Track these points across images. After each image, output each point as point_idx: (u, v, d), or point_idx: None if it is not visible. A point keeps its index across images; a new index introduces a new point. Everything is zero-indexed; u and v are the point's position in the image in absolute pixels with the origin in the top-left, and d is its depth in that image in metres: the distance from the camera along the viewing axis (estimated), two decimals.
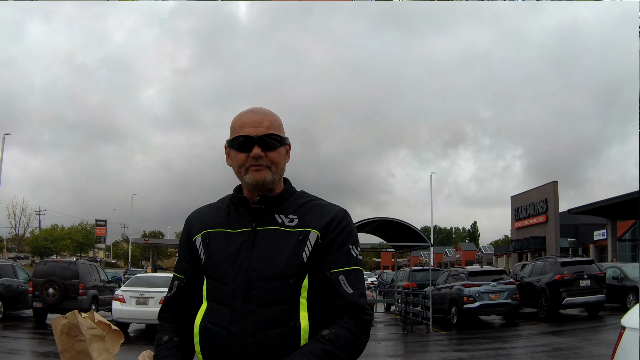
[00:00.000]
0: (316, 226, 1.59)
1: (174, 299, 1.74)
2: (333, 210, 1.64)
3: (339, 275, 1.56)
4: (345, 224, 1.62)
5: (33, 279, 14.75)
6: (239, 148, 1.62)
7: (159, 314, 1.76)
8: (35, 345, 11.35)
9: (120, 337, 1.53)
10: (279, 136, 1.64)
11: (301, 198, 1.68)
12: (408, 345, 11.95)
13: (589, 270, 15.36)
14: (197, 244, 1.68)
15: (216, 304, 1.59)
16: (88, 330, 1.45)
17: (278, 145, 1.63)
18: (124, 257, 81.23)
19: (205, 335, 1.59)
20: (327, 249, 1.58)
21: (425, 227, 75.95)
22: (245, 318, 1.53)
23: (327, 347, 1.48)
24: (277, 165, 1.63)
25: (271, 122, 1.64)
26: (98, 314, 1.62)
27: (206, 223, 1.69)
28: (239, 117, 1.66)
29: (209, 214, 1.72)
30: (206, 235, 1.67)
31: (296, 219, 1.61)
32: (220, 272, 1.60)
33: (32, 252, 64.56)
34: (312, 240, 1.57)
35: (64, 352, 1.49)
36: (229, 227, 1.64)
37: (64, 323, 1.48)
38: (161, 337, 1.66)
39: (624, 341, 2.75)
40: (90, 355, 1.44)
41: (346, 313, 1.54)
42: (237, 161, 1.63)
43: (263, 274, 1.55)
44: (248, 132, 1.61)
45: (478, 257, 75.90)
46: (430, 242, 16.19)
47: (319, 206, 1.65)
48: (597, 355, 9.44)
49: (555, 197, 36.14)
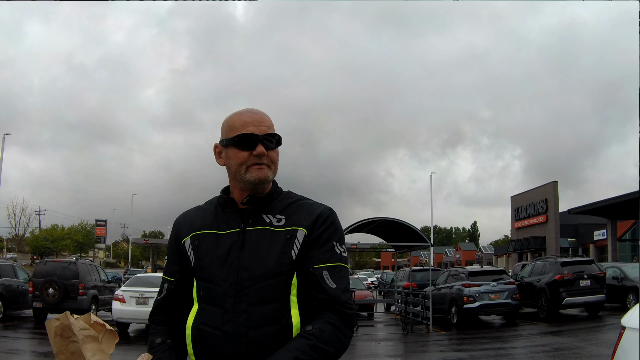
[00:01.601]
0: (303, 224, 1.61)
1: (164, 301, 1.74)
2: (319, 209, 1.66)
3: (322, 270, 1.58)
4: (331, 221, 1.64)
5: (33, 279, 14.75)
6: (241, 146, 1.61)
7: (150, 317, 1.76)
8: (35, 345, 11.35)
9: (115, 337, 1.52)
10: (279, 136, 1.66)
11: (288, 198, 1.69)
12: (408, 345, 11.94)
13: (589, 270, 15.36)
14: (187, 246, 1.68)
15: (208, 305, 1.60)
16: (80, 331, 1.45)
17: (277, 145, 1.66)
18: (124, 257, 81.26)
19: (197, 337, 1.59)
20: (312, 246, 1.60)
21: (425, 227, 76.04)
22: (238, 317, 1.54)
23: (311, 342, 1.49)
24: (275, 165, 1.66)
25: (270, 122, 1.66)
26: (94, 315, 1.61)
27: (194, 225, 1.69)
28: (238, 115, 1.65)
29: (196, 216, 1.72)
30: (195, 237, 1.67)
31: (284, 219, 1.63)
32: (210, 273, 1.61)
33: (32, 252, 64.54)
34: (300, 238, 1.59)
35: (59, 354, 1.49)
36: (218, 229, 1.65)
37: (57, 325, 1.48)
38: (154, 340, 1.67)
39: (624, 341, 2.74)
40: (84, 355, 1.43)
41: (329, 308, 1.55)
42: (238, 159, 1.62)
43: (253, 273, 1.56)
44: (251, 130, 1.61)
45: (478, 257, 75.89)
46: (430, 242, 16.18)
47: (306, 205, 1.67)
48: (597, 355, 9.43)
49: (555, 197, 36.14)
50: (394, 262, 53.67)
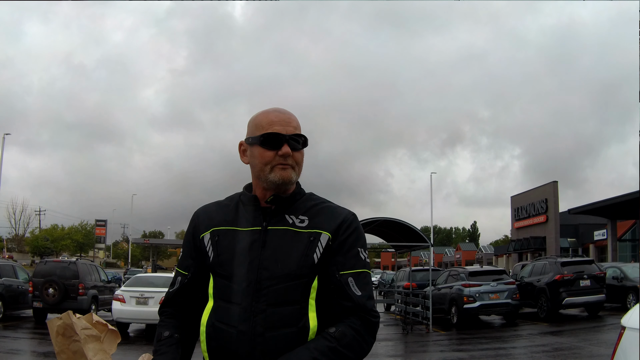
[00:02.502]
0: (327, 228, 1.59)
1: (176, 295, 1.73)
2: (343, 213, 1.64)
3: (348, 277, 1.56)
4: (355, 226, 1.63)
5: (33, 279, 14.74)
6: (268, 145, 1.59)
7: (160, 309, 1.75)
8: (35, 345, 11.34)
9: (117, 337, 1.53)
10: (305, 137, 1.64)
11: (311, 200, 1.68)
12: (408, 345, 11.94)
13: (589, 270, 15.35)
14: (205, 241, 1.66)
15: (224, 302, 1.58)
16: (82, 330, 1.45)
17: (303, 147, 1.64)
18: (124, 257, 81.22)
19: (212, 334, 1.57)
20: (337, 251, 1.58)
21: (425, 227, 76.07)
22: (255, 317, 1.52)
23: (332, 345, 1.48)
24: (300, 166, 1.64)
25: (297, 122, 1.64)
26: (96, 315, 1.61)
27: (214, 220, 1.67)
28: (265, 114, 1.63)
29: (217, 211, 1.70)
30: (215, 232, 1.65)
31: (307, 220, 1.61)
32: (229, 270, 1.59)
33: (32, 252, 64.50)
34: (324, 242, 1.57)
35: (61, 354, 1.49)
36: (238, 225, 1.63)
37: (59, 324, 1.48)
38: (161, 333, 1.66)
39: (624, 341, 2.74)
40: (86, 355, 1.43)
41: (354, 314, 1.54)
42: (263, 159, 1.60)
43: (274, 273, 1.54)
44: (278, 130, 1.59)
45: (478, 257, 75.88)
46: (430, 242, 16.18)
47: (329, 208, 1.65)
48: (597, 355, 9.43)
49: (555, 197, 36.12)
50: (394, 262, 53.63)
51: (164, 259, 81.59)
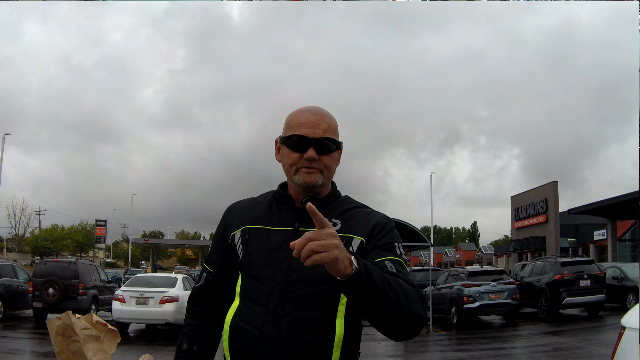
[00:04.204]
0: (360, 233, 1.55)
1: (200, 291, 1.72)
2: (376, 217, 1.60)
3: (384, 261, 1.48)
4: (389, 227, 1.58)
5: (33, 279, 14.73)
6: (292, 147, 1.56)
7: (187, 305, 1.75)
8: (35, 345, 11.34)
9: (117, 337, 1.53)
10: (335, 140, 1.58)
11: (345, 203, 1.64)
12: (408, 345, 11.93)
13: (589, 270, 15.35)
14: (236, 239, 1.62)
15: (250, 303, 1.54)
16: (82, 330, 1.45)
17: (333, 150, 1.58)
18: (124, 257, 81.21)
19: (235, 334, 1.54)
20: (371, 249, 1.53)
21: (425, 227, 76.02)
22: (280, 320, 1.48)
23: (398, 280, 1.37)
24: (329, 170, 1.58)
25: (329, 124, 1.58)
26: (96, 315, 1.61)
27: (247, 218, 1.63)
28: (296, 114, 1.59)
29: (250, 208, 1.66)
30: (246, 231, 1.61)
31: (339, 224, 1.56)
32: (257, 270, 1.54)
33: (32, 252, 64.49)
34: (355, 247, 1.52)
35: (60, 354, 1.49)
36: (270, 224, 1.59)
37: (59, 324, 1.48)
38: (181, 345, 1.66)
39: (624, 341, 2.74)
40: (85, 355, 1.43)
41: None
42: (289, 160, 1.57)
43: (303, 276, 1.49)
44: (304, 132, 1.54)
45: (478, 257, 75.92)
46: (430, 242, 16.17)
47: (363, 213, 1.61)
48: (597, 355, 9.43)
49: (555, 197, 36.10)
50: None
51: (164, 259, 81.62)
